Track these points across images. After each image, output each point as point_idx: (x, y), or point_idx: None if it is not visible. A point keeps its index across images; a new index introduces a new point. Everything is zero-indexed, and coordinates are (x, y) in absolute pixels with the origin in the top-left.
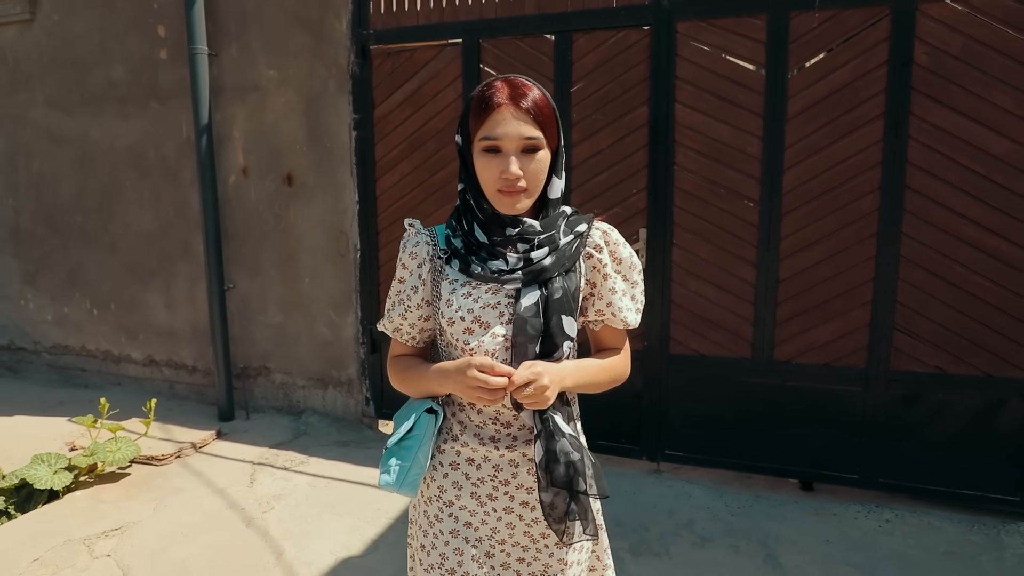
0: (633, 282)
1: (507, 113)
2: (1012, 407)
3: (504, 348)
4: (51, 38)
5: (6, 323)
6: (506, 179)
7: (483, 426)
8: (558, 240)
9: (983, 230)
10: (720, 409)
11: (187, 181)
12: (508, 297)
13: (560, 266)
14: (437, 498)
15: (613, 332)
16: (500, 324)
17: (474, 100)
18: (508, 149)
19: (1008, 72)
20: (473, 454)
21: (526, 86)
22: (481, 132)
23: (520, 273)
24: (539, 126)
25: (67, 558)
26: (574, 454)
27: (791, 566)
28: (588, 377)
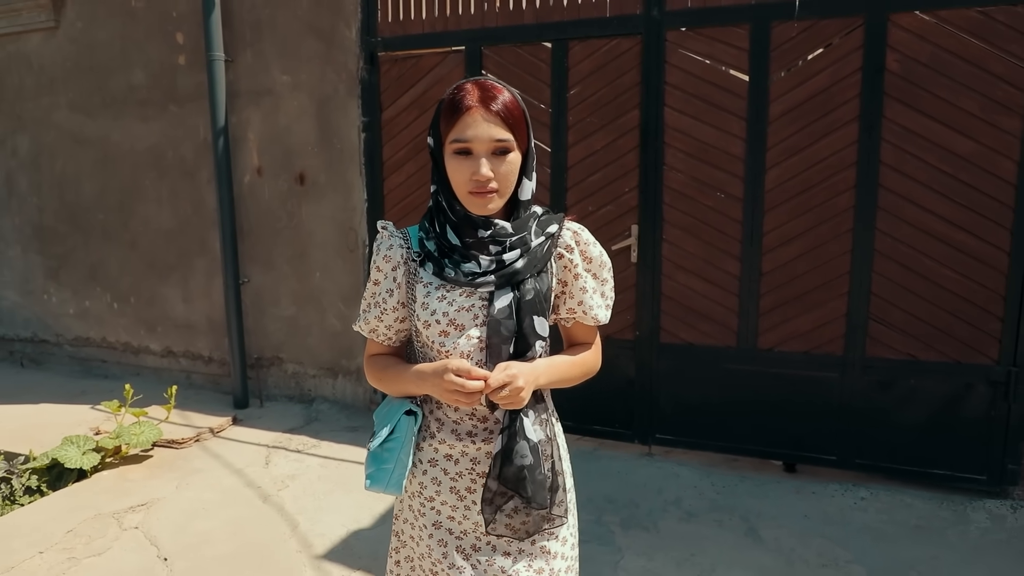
0: (603, 280)
1: (477, 115)
2: (979, 392)
3: (479, 349)
4: (74, 44)
5: (30, 317)
6: (477, 180)
7: (460, 422)
8: (529, 241)
9: (951, 226)
10: (707, 395)
11: (204, 180)
12: (482, 300)
13: (532, 267)
14: (418, 494)
15: (584, 328)
16: (475, 327)
17: (445, 103)
18: (479, 151)
19: (972, 78)
20: (451, 450)
21: (496, 88)
22: (452, 134)
23: (493, 276)
24: (509, 128)
25: (98, 530)
26: (528, 459)
27: (770, 538)
28: (560, 373)
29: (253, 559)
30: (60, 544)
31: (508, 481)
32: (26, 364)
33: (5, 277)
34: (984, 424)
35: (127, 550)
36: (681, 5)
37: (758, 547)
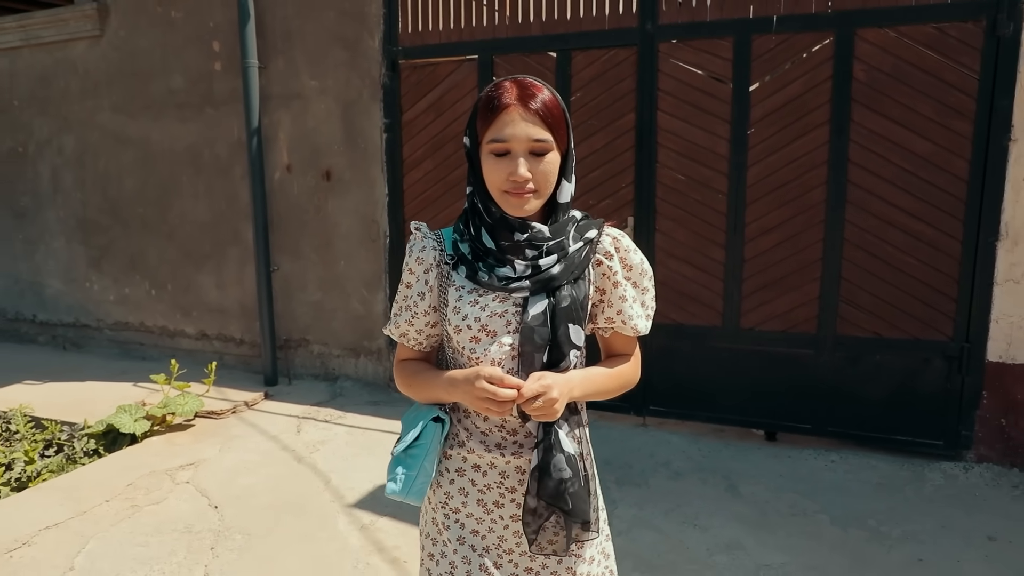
0: (644, 288)
1: (515, 114)
2: (935, 365)
3: (511, 357)
4: (117, 52)
5: (72, 303)
6: (514, 181)
7: (489, 433)
8: (567, 247)
9: (911, 217)
10: (696, 370)
11: (237, 177)
12: (515, 306)
13: (569, 274)
14: (443, 504)
15: (623, 339)
16: (507, 333)
17: (482, 101)
18: (516, 151)
19: (929, 86)
20: (479, 460)
21: (535, 87)
22: (489, 134)
23: (528, 281)
24: (548, 128)
25: (154, 483)
26: (567, 472)
27: (747, 493)
28: (596, 386)
29: (293, 507)
30: (122, 495)
31: (548, 496)
32: (68, 347)
33: (50, 266)
34: (941, 395)
35: (181, 500)
36: (672, 20)
37: (736, 500)
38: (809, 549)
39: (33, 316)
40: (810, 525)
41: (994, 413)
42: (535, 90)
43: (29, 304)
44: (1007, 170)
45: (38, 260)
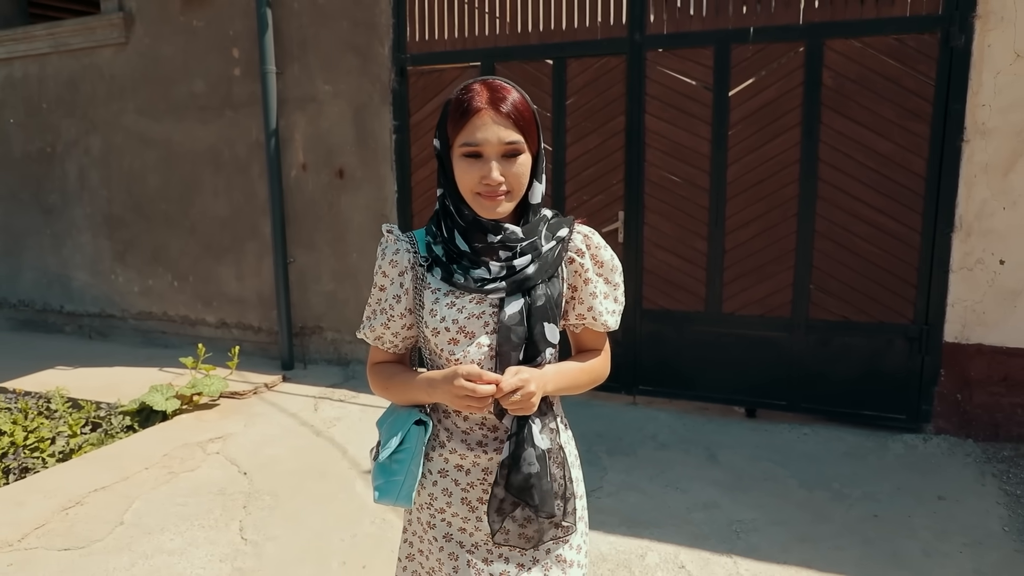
0: (615, 284)
1: (487, 117)
2: (897, 347)
3: (489, 357)
4: (142, 58)
5: (98, 294)
6: (487, 184)
7: (470, 431)
8: (540, 247)
9: (875, 211)
10: (681, 352)
11: (255, 175)
12: (492, 306)
13: (543, 273)
14: (428, 506)
15: (593, 334)
16: (485, 334)
17: (452, 104)
18: (489, 154)
19: (890, 91)
20: (462, 460)
21: (505, 89)
22: (461, 138)
23: (503, 282)
24: (520, 130)
25: (188, 453)
26: (535, 466)
27: (725, 461)
28: (569, 380)
29: (314, 473)
30: (159, 463)
31: (515, 489)
32: (94, 336)
33: (77, 260)
34: (903, 373)
35: (213, 468)
36: (658, 30)
37: (715, 467)
38: (777, 507)
39: (61, 307)
40: (780, 487)
41: (951, 389)
42: (505, 92)
43: (57, 295)
44: (960, 168)
45: (65, 254)
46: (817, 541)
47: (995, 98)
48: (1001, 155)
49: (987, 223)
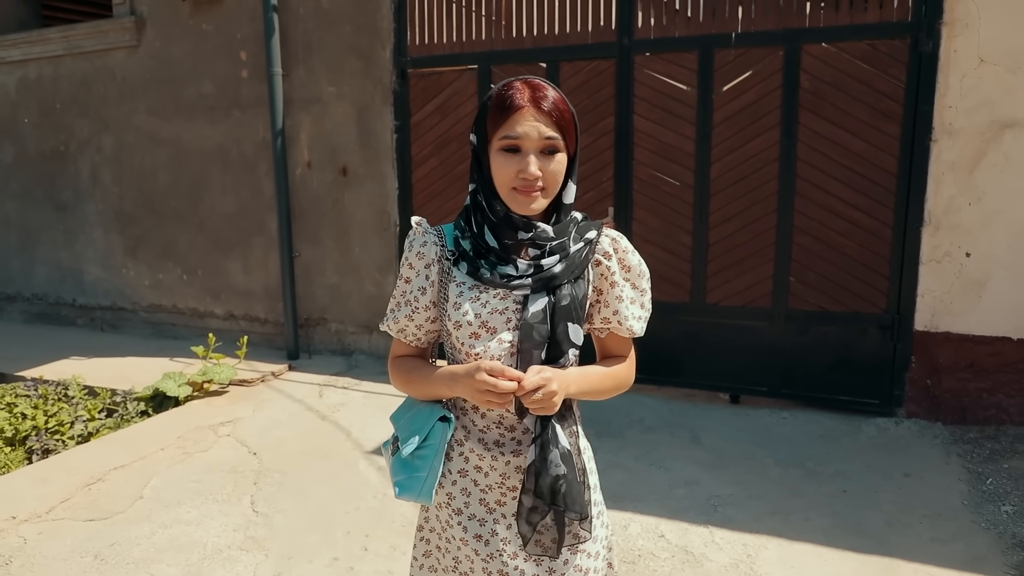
0: (642, 290)
1: (528, 114)
2: (871, 335)
3: (510, 354)
4: (153, 60)
5: (110, 288)
6: (524, 179)
7: (487, 430)
8: (568, 247)
9: (849, 206)
10: (668, 341)
11: (262, 173)
12: (516, 303)
13: (570, 273)
14: (447, 504)
15: (618, 340)
16: (507, 330)
17: (493, 100)
18: (528, 148)
19: (863, 93)
20: (480, 461)
21: (545, 87)
22: (501, 131)
23: (530, 279)
24: (559, 128)
25: (200, 435)
26: (562, 468)
27: (707, 442)
28: (591, 384)
29: (320, 453)
30: (174, 444)
31: (544, 493)
32: (105, 328)
33: (89, 255)
34: (877, 360)
35: (224, 448)
36: (646, 35)
37: (697, 448)
38: (754, 483)
39: (73, 300)
40: (757, 466)
41: (921, 375)
42: (545, 91)
43: (69, 289)
44: (929, 166)
45: (78, 249)
46: (788, 513)
47: (961, 100)
48: (967, 154)
49: (954, 218)
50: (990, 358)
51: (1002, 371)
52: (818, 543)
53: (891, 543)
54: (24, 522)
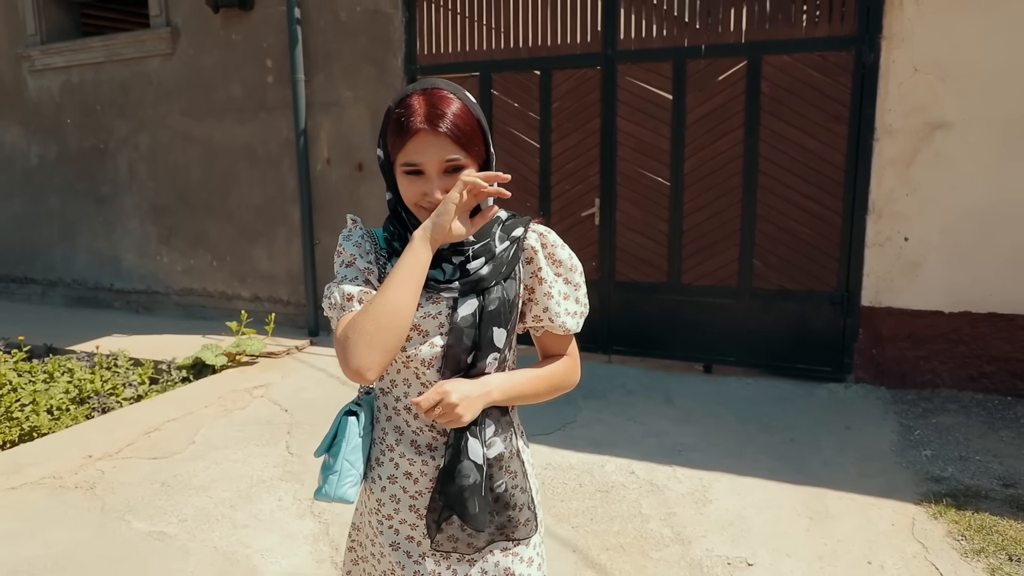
0: (575, 284)
1: (425, 138)
2: (824, 310)
3: (440, 357)
4: (186, 67)
5: (145, 273)
6: (430, 202)
7: (419, 432)
8: (493, 248)
9: (805, 197)
10: (648, 317)
11: (285, 168)
12: (448, 307)
13: (498, 274)
14: (376, 511)
15: (554, 338)
16: (439, 334)
17: (392, 120)
18: (430, 172)
19: (816, 98)
20: (410, 467)
21: (444, 101)
22: (401, 157)
23: (456, 283)
24: (460, 145)
25: (237, 397)
26: (470, 478)
27: (679, 403)
28: (519, 389)
29: None
30: (215, 404)
31: (449, 499)
32: (140, 311)
33: (126, 243)
34: (829, 332)
35: (259, 407)
36: (627, 47)
37: (670, 407)
38: (714, 434)
39: (111, 285)
40: (719, 421)
41: (867, 345)
42: (444, 106)
43: (107, 275)
44: (872, 162)
45: (115, 238)
46: (741, 457)
47: (898, 104)
48: (904, 151)
49: (894, 207)
50: (926, 330)
51: (936, 341)
52: (762, 477)
53: (824, 477)
54: (99, 459)
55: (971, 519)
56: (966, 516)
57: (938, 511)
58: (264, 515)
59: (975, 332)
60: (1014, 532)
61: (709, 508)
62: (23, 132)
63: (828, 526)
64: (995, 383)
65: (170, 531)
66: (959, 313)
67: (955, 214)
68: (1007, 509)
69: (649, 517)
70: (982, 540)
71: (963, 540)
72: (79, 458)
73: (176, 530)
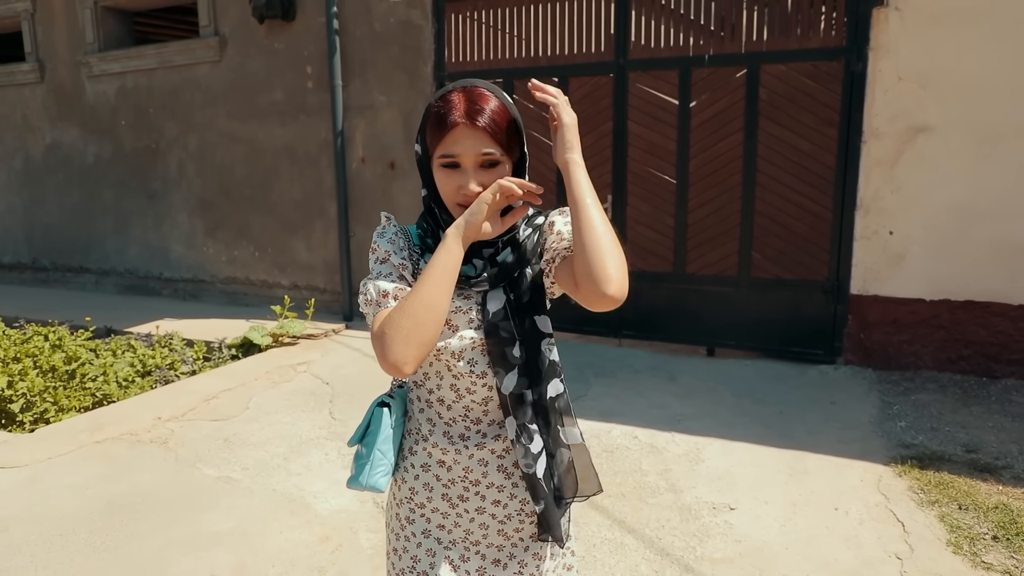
0: None
1: (463, 131)
2: (817, 298)
3: (471, 348)
4: (233, 73)
5: (192, 263)
6: (465, 195)
7: (452, 423)
8: (519, 238)
9: (799, 195)
10: (656, 305)
11: (324, 167)
12: (478, 304)
13: (523, 260)
14: (408, 500)
15: None
16: (470, 328)
17: (431, 115)
18: (466, 165)
19: (809, 104)
20: (444, 456)
21: (483, 98)
22: (439, 149)
23: (486, 275)
24: (497, 141)
25: (283, 371)
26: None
27: (682, 381)
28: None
29: (379, 384)
30: (263, 377)
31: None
32: (187, 298)
33: (175, 235)
34: (821, 318)
35: (303, 380)
36: (638, 56)
37: (673, 385)
38: (711, 407)
39: (160, 274)
40: (717, 396)
41: (856, 330)
42: (483, 102)
43: (157, 264)
44: (860, 162)
45: (165, 231)
46: (733, 426)
47: (884, 110)
48: (889, 153)
49: (880, 204)
50: (908, 316)
51: (918, 326)
52: (750, 442)
53: (805, 443)
54: (168, 420)
55: (931, 477)
56: (927, 475)
57: (903, 470)
58: (314, 466)
59: (953, 318)
60: (967, 487)
61: (701, 466)
62: (81, 133)
63: (804, 481)
64: (972, 365)
65: (235, 476)
66: (939, 301)
67: (935, 210)
68: (964, 470)
69: (648, 472)
70: (938, 493)
71: (921, 493)
72: (150, 419)
73: (240, 476)
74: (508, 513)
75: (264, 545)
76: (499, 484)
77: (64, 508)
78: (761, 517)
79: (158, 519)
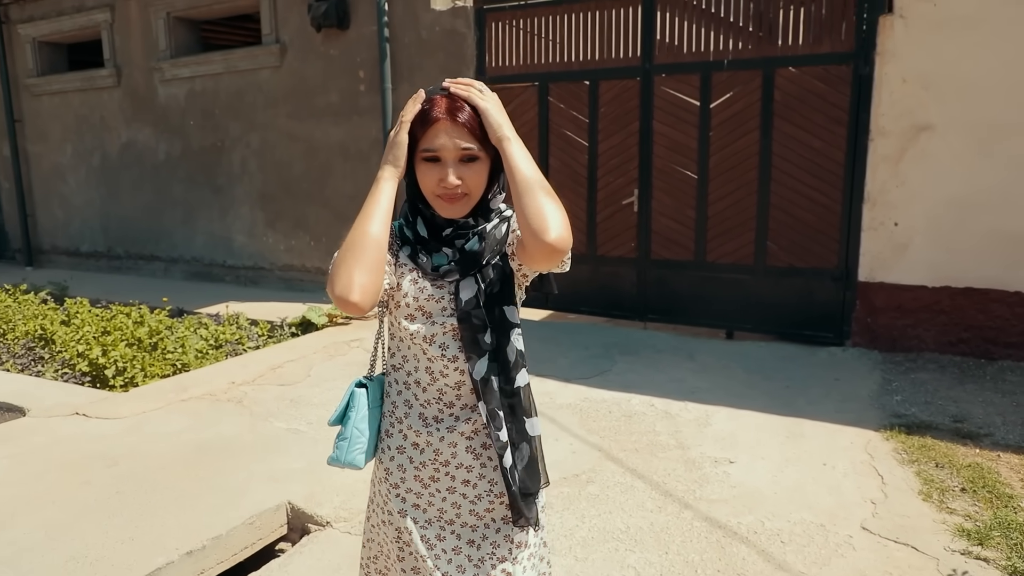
0: None
1: (444, 127)
2: (827, 285)
3: (443, 333)
4: (292, 77)
5: (252, 252)
6: (445, 187)
7: (427, 405)
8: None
9: (811, 189)
10: (678, 291)
11: (374, 163)
12: (451, 293)
13: (490, 249)
14: (385, 480)
15: None
16: (443, 316)
17: (417, 115)
18: (447, 159)
19: (820, 104)
20: (417, 438)
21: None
22: (421, 144)
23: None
24: (475, 137)
25: (338, 347)
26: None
27: (700, 360)
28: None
29: None
30: (320, 351)
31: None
32: (247, 284)
33: (237, 226)
34: (831, 303)
35: (356, 354)
36: (663, 61)
37: (691, 363)
38: (724, 382)
39: (223, 261)
40: (730, 372)
41: (863, 315)
42: (463, 103)
43: (221, 253)
44: (868, 158)
45: (228, 222)
46: (742, 397)
47: (890, 110)
48: (894, 150)
49: (886, 197)
50: (912, 301)
51: (921, 311)
52: (755, 410)
53: (806, 412)
54: (241, 385)
55: (915, 441)
56: (913, 439)
57: (891, 435)
58: None
59: (954, 304)
60: (946, 450)
61: (708, 429)
62: (153, 132)
63: (799, 443)
64: (971, 347)
65: (302, 428)
66: (940, 287)
67: (937, 203)
68: (947, 436)
69: (660, 432)
70: (918, 454)
71: (904, 454)
72: (226, 383)
73: (306, 428)
74: (478, 493)
75: (329, 480)
76: (468, 464)
77: (161, 449)
78: (756, 469)
79: (241, 459)
